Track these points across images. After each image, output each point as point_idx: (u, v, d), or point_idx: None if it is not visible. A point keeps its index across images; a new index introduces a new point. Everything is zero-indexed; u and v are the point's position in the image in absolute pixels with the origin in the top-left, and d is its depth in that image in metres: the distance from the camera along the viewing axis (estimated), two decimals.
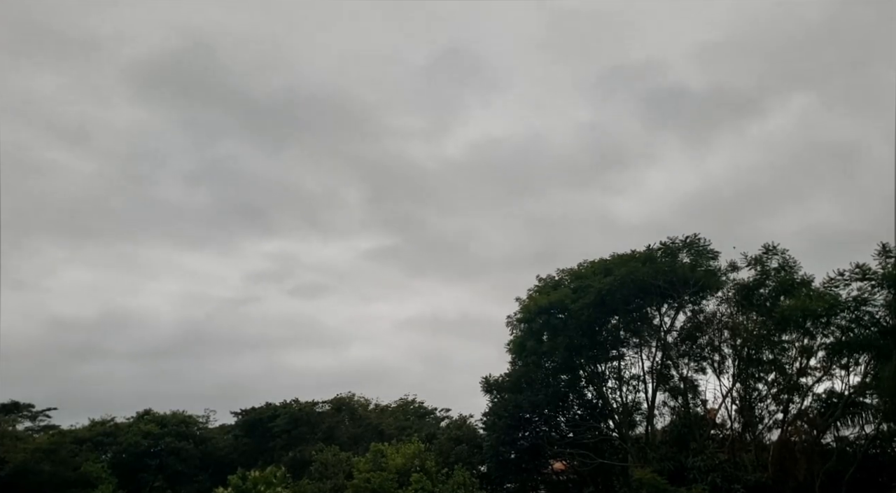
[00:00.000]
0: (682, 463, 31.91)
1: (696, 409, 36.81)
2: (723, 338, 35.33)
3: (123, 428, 55.65)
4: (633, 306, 36.23)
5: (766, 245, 34.05)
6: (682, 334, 36.73)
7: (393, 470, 36.76)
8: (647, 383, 37.57)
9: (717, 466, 31.05)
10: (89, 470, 47.55)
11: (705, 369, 36.32)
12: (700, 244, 35.54)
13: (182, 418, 58.59)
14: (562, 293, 36.56)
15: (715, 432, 36.27)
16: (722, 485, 30.24)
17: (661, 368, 36.88)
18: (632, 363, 38.24)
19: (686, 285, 34.60)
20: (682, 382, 36.58)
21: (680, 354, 36.76)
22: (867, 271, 30.48)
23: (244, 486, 34.46)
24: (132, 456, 53.23)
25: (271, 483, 34.87)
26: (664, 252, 35.92)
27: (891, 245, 30.23)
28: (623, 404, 38.01)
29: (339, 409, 56.01)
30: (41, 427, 59.54)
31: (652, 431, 37.03)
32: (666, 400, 37.53)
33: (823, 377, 33.35)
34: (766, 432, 35.13)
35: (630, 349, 38.14)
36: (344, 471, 41.07)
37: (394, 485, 35.87)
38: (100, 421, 56.96)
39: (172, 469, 53.57)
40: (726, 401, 35.30)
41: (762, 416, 35.15)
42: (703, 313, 36.27)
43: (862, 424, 32.76)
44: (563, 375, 38.09)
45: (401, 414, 58.25)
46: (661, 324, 36.77)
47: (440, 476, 36.23)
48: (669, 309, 36.60)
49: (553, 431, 37.90)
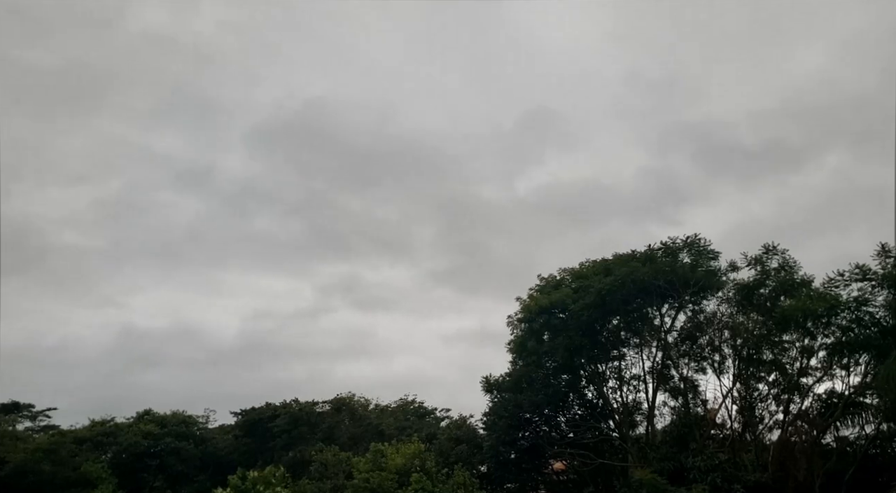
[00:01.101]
0: (682, 463, 31.89)
1: (697, 409, 36.80)
2: (723, 338, 35.33)
3: (123, 428, 55.61)
4: (633, 306, 36.22)
5: (767, 245, 34.06)
6: (682, 334, 36.73)
7: (393, 470, 36.72)
8: (647, 383, 37.60)
9: (717, 466, 31.03)
10: (89, 470, 47.56)
11: (705, 369, 36.33)
12: (700, 244, 35.51)
13: (182, 418, 58.58)
14: (562, 293, 36.57)
15: (715, 432, 36.27)
16: (722, 485, 30.23)
17: (662, 368, 36.87)
18: (632, 363, 38.32)
19: (686, 285, 34.59)
20: (682, 382, 36.58)
21: (680, 354, 36.76)
22: (867, 272, 30.50)
23: (244, 486, 34.43)
24: (132, 456, 53.19)
25: (271, 483, 34.84)
26: (665, 252, 35.91)
27: (890, 245, 30.27)
28: (623, 404, 38.00)
29: (338, 409, 55.98)
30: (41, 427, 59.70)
31: (652, 431, 37.03)
32: (666, 400, 37.62)
33: (824, 377, 33.37)
34: (766, 432, 35.19)
35: (630, 349, 38.17)
36: (344, 471, 41.05)
37: (394, 485, 35.83)
38: (100, 421, 56.90)
39: (172, 469, 53.53)
40: (726, 401, 35.37)
41: (762, 416, 35.18)
42: (703, 313, 36.30)
43: (862, 424, 32.79)
44: (563, 375, 38.06)
45: (401, 414, 58.26)
46: (662, 324, 36.77)
47: (440, 476, 36.19)
48: (670, 309, 36.58)
49: (553, 431, 37.89)
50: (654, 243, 36.27)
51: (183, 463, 53.82)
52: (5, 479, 44.39)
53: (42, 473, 45.32)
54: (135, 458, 53.19)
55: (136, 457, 53.20)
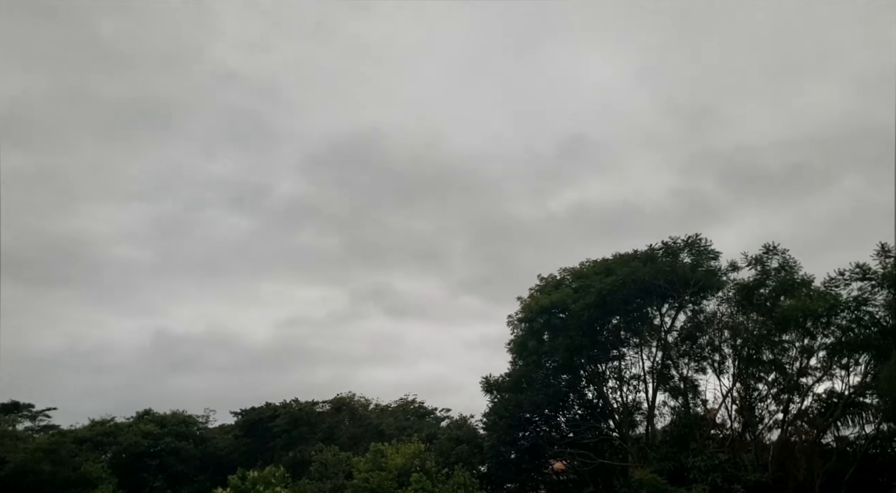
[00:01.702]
0: (682, 463, 31.90)
1: (696, 409, 36.81)
2: (723, 338, 35.33)
3: (123, 428, 55.57)
4: (633, 305, 36.22)
5: (767, 245, 34.07)
6: (682, 334, 36.73)
7: (393, 470, 36.73)
8: (647, 383, 37.60)
9: (717, 466, 31.04)
10: (89, 470, 47.55)
11: (705, 369, 36.34)
12: (701, 244, 35.53)
13: (182, 418, 58.55)
14: (563, 293, 36.56)
15: (715, 432, 36.26)
16: (722, 485, 30.23)
17: (662, 368, 36.87)
18: (632, 363, 38.33)
19: (686, 285, 34.59)
20: (682, 382, 36.58)
21: (680, 354, 36.76)
22: (867, 271, 30.48)
23: (244, 486, 34.44)
24: (132, 456, 53.17)
25: (271, 483, 34.86)
26: (665, 252, 35.92)
27: (890, 245, 30.25)
28: (623, 404, 38.00)
29: (339, 409, 55.94)
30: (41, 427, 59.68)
31: (652, 431, 37.02)
32: (666, 400, 37.63)
33: (823, 377, 33.38)
34: (766, 432, 35.19)
35: (630, 349, 38.17)
36: (344, 471, 41.02)
37: (394, 485, 35.84)
38: (100, 421, 56.87)
39: (172, 469, 53.50)
40: (726, 401, 35.36)
41: (762, 416, 35.18)
42: (703, 313, 36.31)
43: (862, 424, 32.82)
44: (563, 375, 38.06)
45: (401, 414, 58.23)
46: (662, 324, 36.77)
47: (440, 476, 36.18)
48: (670, 309, 36.60)
49: (553, 431, 37.89)
50: (654, 243, 36.35)
51: (183, 463, 53.78)
52: (5, 479, 44.40)
53: (42, 473, 45.32)
54: (135, 458, 53.16)
55: (136, 457, 53.18)
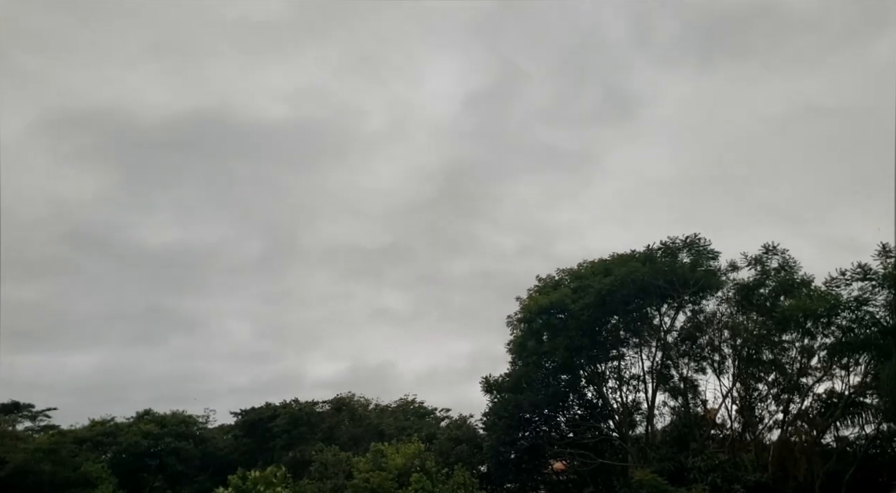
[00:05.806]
0: (682, 463, 31.91)
1: (696, 409, 36.82)
2: (723, 338, 35.33)
3: (123, 428, 55.50)
4: (633, 306, 36.20)
5: (766, 245, 34.07)
6: (682, 334, 36.72)
7: (393, 470, 36.75)
8: (647, 383, 37.60)
9: (717, 466, 31.04)
10: (89, 470, 47.47)
11: (705, 369, 36.35)
12: (700, 244, 35.52)
13: (182, 418, 58.44)
14: (562, 293, 36.53)
15: (715, 432, 36.26)
16: (722, 485, 30.24)
17: (661, 368, 36.87)
18: (632, 363, 38.35)
19: (686, 285, 34.59)
20: (682, 382, 36.58)
21: (680, 354, 36.75)
22: (868, 271, 30.46)
23: (244, 486, 34.40)
24: (132, 456, 53.12)
25: (271, 483, 34.81)
26: (664, 252, 35.91)
27: (891, 245, 30.22)
28: (623, 404, 38.00)
29: (339, 409, 55.92)
30: (41, 427, 59.54)
31: (652, 431, 37.02)
32: (666, 400, 37.67)
33: (823, 377, 33.37)
34: (766, 432, 35.21)
35: (630, 349, 38.16)
36: (344, 471, 41.00)
37: (394, 485, 35.86)
38: (100, 421, 56.82)
39: (172, 469, 53.43)
40: (726, 401, 35.38)
41: (762, 416, 35.20)
42: (703, 313, 36.31)
43: (862, 424, 32.80)
44: (563, 375, 38.04)
45: (401, 414, 58.17)
46: (661, 324, 36.76)
47: (440, 476, 36.20)
48: (669, 309, 36.58)
49: (553, 431, 37.89)
50: (653, 243, 36.34)
51: (183, 463, 53.72)
52: (5, 479, 44.32)
53: (42, 473, 45.24)
54: (135, 458, 53.11)
55: (136, 457, 53.12)
